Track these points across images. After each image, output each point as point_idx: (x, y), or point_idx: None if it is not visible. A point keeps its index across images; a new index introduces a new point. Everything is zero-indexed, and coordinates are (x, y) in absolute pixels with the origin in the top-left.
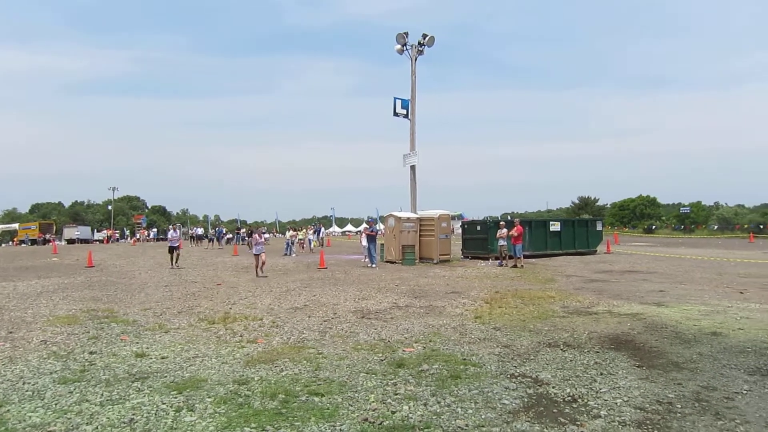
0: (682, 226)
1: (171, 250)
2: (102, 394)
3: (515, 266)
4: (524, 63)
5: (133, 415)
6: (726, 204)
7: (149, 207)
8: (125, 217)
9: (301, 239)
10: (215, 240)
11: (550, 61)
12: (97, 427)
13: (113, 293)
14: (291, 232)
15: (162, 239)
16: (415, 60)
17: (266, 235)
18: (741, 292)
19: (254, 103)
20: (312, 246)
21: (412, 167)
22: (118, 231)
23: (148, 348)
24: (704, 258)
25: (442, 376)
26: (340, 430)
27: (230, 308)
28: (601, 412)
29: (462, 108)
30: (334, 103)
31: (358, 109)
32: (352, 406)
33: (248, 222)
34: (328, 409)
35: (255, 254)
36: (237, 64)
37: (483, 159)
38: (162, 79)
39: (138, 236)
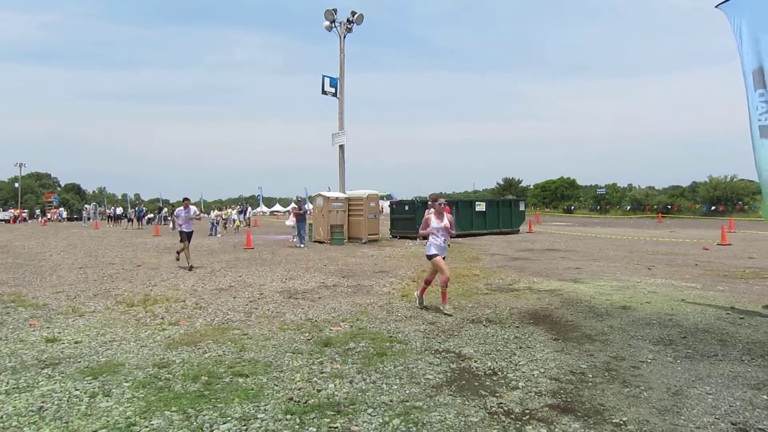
0: (599, 207)
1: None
2: (8, 383)
3: None
4: (453, 45)
5: (43, 402)
6: (638, 186)
7: (62, 185)
8: (35, 195)
9: (224, 218)
10: (135, 220)
11: (479, 44)
12: (2, 417)
13: (21, 276)
14: (216, 211)
15: (75, 219)
16: (344, 38)
17: (194, 208)
18: (649, 269)
19: (176, 77)
20: (236, 226)
21: (341, 147)
22: (26, 211)
23: (60, 333)
24: (617, 237)
25: (369, 353)
26: (265, 410)
27: (151, 290)
28: (520, 384)
29: (392, 88)
30: (262, 79)
31: (287, 85)
32: (277, 386)
33: (171, 201)
34: (252, 389)
35: (184, 231)
36: (155, 34)
37: (413, 139)
38: (75, 47)
39: (49, 216)
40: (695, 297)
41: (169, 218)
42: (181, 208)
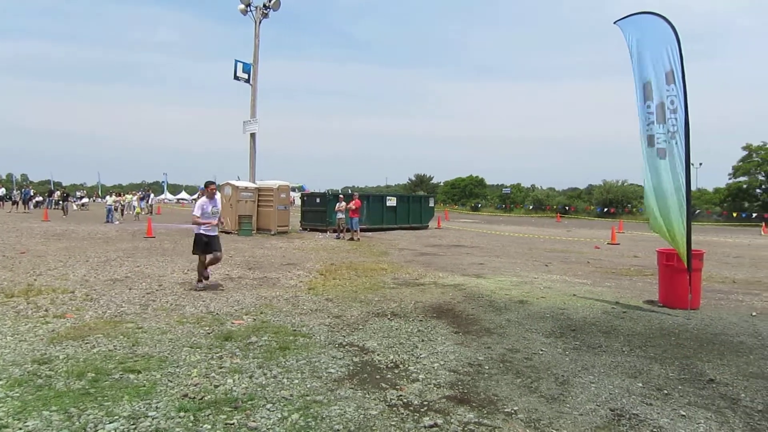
0: (504, 206)
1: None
2: None
3: (352, 239)
4: (374, 38)
5: None
6: (541, 187)
7: None
8: None
9: (122, 205)
10: (20, 203)
11: (398, 40)
12: None
13: None
14: (113, 197)
15: None
16: (259, 23)
17: (84, 200)
18: (546, 265)
19: (83, 53)
20: (135, 213)
21: (252, 135)
22: None
23: None
24: (519, 235)
25: (271, 347)
26: (156, 407)
27: (35, 279)
28: (420, 376)
29: (310, 78)
30: (174, 61)
31: (198, 69)
32: (171, 382)
33: (63, 184)
34: (144, 386)
35: (203, 236)
36: (59, 5)
37: (329, 131)
38: None
39: None
40: (585, 292)
41: (61, 203)
42: (204, 199)
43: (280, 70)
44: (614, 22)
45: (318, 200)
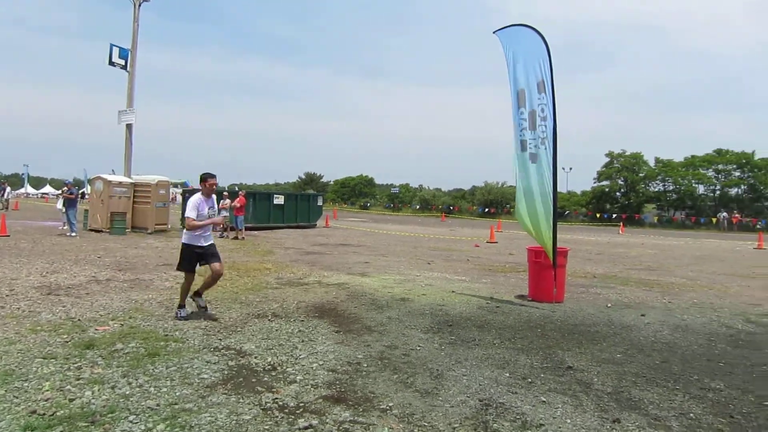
0: (392, 205)
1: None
2: None
3: (236, 238)
4: (269, 32)
5: None
6: (428, 187)
7: None
8: None
9: None
10: None
11: (294, 35)
12: None
13: None
14: None
15: None
16: (139, 5)
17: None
18: (429, 263)
19: None
20: None
21: (129, 126)
22: None
23: None
24: (405, 234)
25: (139, 354)
26: None
27: None
28: (298, 377)
29: (199, 69)
30: (35, 40)
31: (69, 50)
32: (18, 398)
33: None
34: None
35: (196, 247)
36: None
37: (219, 126)
38: None
39: None
40: (463, 289)
41: None
42: (199, 196)
43: (168, 60)
44: (493, 32)
45: None
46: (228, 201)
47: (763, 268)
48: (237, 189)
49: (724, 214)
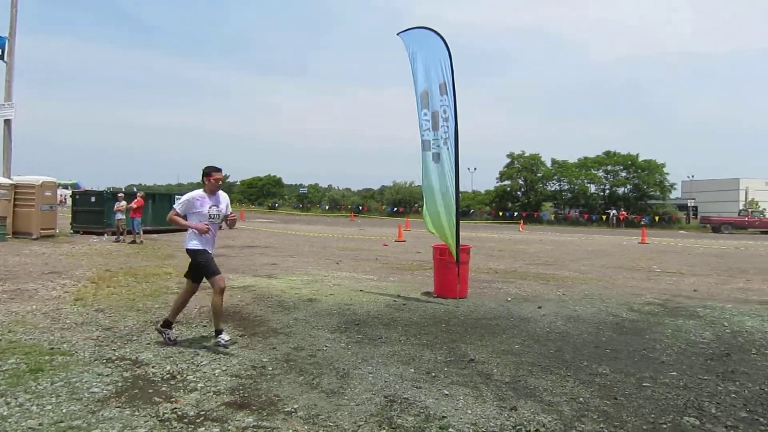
0: (301, 205)
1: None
2: None
3: (134, 242)
4: (164, 24)
5: None
6: (337, 187)
7: None
8: None
9: None
10: None
11: (195, 30)
12: None
13: None
14: None
15: None
16: None
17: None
18: (337, 263)
19: None
20: None
21: (7, 121)
22: None
23: None
24: (314, 234)
25: (19, 371)
26: None
27: None
28: (198, 385)
29: (91, 62)
30: None
31: None
32: None
33: None
34: None
35: (199, 252)
36: None
37: (113, 122)
38: None
39: None
40: (371, 287)
41: None
42: (200, 193)
43: (54, 51)
44: (397, 34)
45: (93, 199)
46: (124, 203)
47: (645, 260)
48: (135, 190)
49: (613, 211)
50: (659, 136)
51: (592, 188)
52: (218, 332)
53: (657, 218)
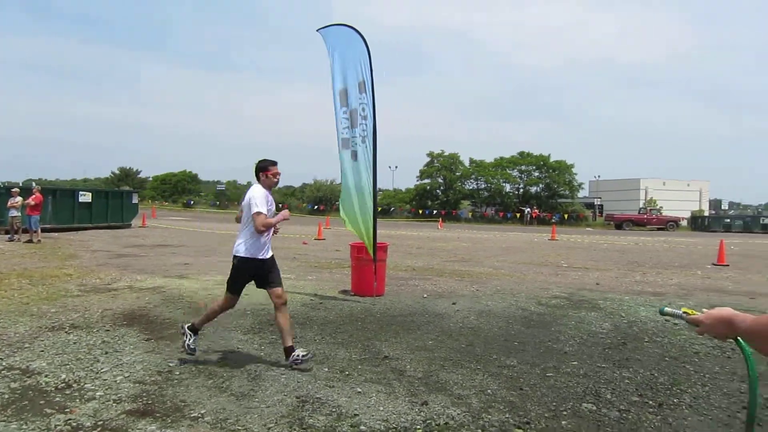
0: (219, 203)
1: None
2: None
3: (30, 241)
4: (75, 11)
5: None
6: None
7: None
8: None
9: None
10: None
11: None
12: None
13: None
14: None
15: None
16: None
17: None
18: None
19: None
20: None
21: None
22: None
23: None
24: (232, 233)
25: None
26: None
27: None
28: (97, 394)
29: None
30: None
31: None
32: None
33: None
34: None
35: (257, 261)
36: None
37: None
38: None
39: None
40: (288, 287)
41: None
42: (262, 190)
43: None
44: (317, 30)
45: None
46: (19, 199)
47: (554, 256)
48: (33, 185)
49: (527, 209)
50: (569, 138)
51: (508, 187)
52: (290, 350)
53: (566, 216)
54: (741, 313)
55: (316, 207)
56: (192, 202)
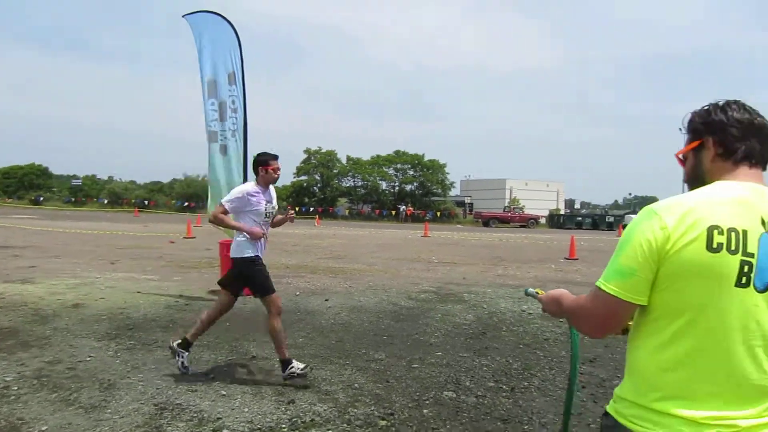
0: (74, 199)
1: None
2: None
3: None
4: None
5: None
6: (120, 179)
7: None
8: None
9: None
10: None
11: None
12: None
13: None
14: None
15: None
16: None
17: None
18: (113, 263)
19: None
20: None
21: None
22: None
23: None
24: (88, 231)
25: None
26: None
27: None
28: None
29: None
30: None
31: None
32: None
33: None
34: None
35: (249, 260)
36: None
37: None
38: None
39: None
40: (151, 288)
41: None
42: (252, 186)
43: None
44: (183, 16)
45: None
46: None
47: (426, 252)
48: None
49: (402, 207)
50: (442, 139)
51: (384, 185)
52: (286, 363)
53: (439, 213)
54: (569, 294)
55: (186, 204)
56: (42, 199)
